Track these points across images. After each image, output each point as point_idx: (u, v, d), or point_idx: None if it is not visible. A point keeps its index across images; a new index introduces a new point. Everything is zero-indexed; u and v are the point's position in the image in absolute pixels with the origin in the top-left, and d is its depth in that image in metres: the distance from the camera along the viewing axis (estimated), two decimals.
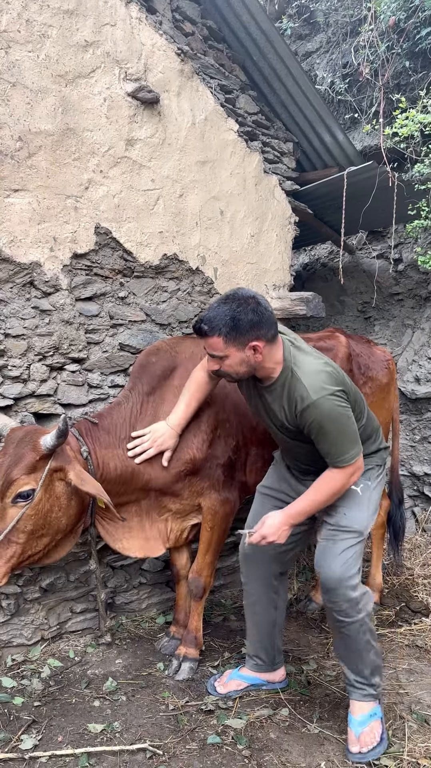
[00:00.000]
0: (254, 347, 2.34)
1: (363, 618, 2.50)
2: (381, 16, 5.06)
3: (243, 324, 2.31)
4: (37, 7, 3.00)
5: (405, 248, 5.52)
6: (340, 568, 2.46)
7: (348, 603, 2.46)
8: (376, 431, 2.79)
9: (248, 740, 2.60)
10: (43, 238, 3.10)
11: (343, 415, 2.37)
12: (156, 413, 3.02)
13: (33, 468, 2.52)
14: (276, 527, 2.49)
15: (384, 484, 2.79)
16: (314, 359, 2.47)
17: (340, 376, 2.49)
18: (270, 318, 2.37)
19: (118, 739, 2.59)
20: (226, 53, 4.13)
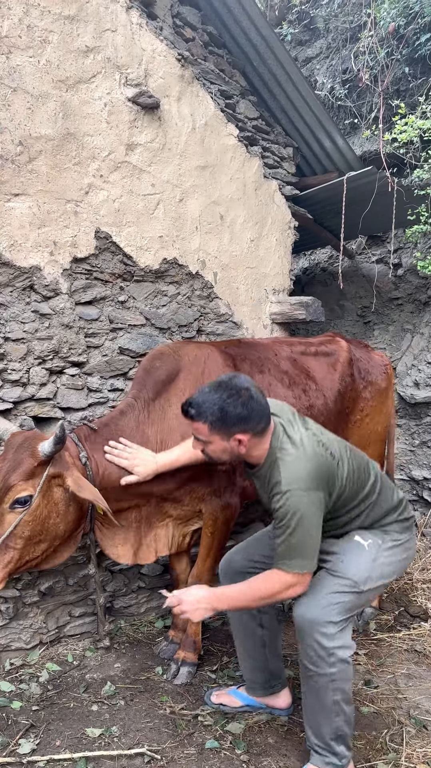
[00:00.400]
0: (239, 440, 2.27)
1: (335, 674, 2.23)
2: (380, 22, 5.09)
3: (231, 417, 2.23)
4: (38, 12, 3.02)
5: (404, 253, 5.53)
6: (318, 610, 2.25)
7: (317, 651, 2.24)
8: (394, 508, 2.52)
9: (246, 745, 2.60)
10: (43, 242, 3.11)
11: (308, 518, 2.19)
12: (165, 416, 3.01)
13: (31, 474, 2.51)
14: (194, 603, 2.29)
15: (401, 558, 2.48)
16: (302, 452, 2.27)
17: (329, 470, 2.28)
18: (261, 412, 2.27)
19: (116, 743, 2.59)
20: (226, 59, 4.15)
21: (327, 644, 2.22)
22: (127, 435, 2.90)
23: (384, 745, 2.60)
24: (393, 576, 2.45)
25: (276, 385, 3.37)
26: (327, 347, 3.81)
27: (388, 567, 2.42)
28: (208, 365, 3.16)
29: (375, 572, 2.36)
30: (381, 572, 2.39)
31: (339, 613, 2.26)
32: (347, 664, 2.24)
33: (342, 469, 2.34)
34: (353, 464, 2.40)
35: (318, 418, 3.50)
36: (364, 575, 2.34)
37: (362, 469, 2.44)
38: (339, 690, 2.25)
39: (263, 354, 3.46)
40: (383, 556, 2.41)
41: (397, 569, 2.47)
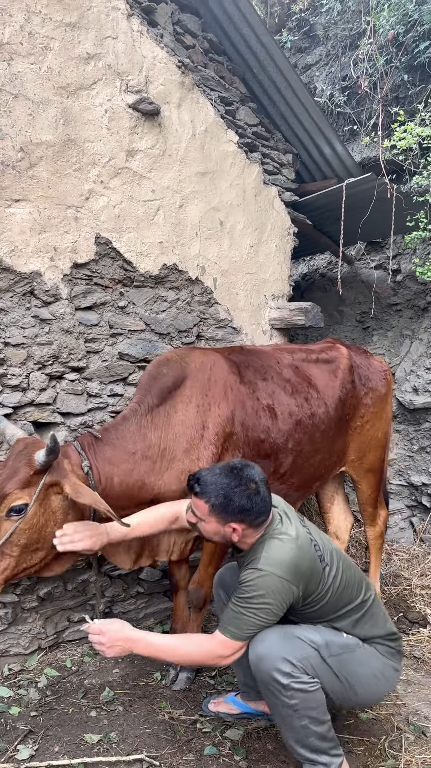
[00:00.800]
0: (233, 528, 2.29)
1: (297, 705, 2.20)
2: (380, 29, 5.12)
3: (233, 506, 2.24)
4: (39, 20, 3.04)
5: (403, 259, 5.55)
6: (278, 644, 2.21)
7: (274, 686, 2.20)
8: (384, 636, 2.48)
9: (245, 751, 2.59)
10: (43, 247, 3.12)
11: (269, 604, 2.19)
12: (169, 422, 2.99)
13: (27, 483, 2.52)
14: (113, 640, 2.21)
15: (377, 672, 2.39)
16: (292, 541, 2.27)
17: (313, 570, 2.27)
18: (264, 508, 2.28)
19: (115, 749, 2.58)
20: (226, 66, 4.17)
21: (281, 680, 2.18)
22: (128, 440, 2.89)
23: (383, 752, 2.60)
24: (361, 683, 2.35)
25: (280, 393, 3.37)
26: (328, 354, 3.82)
27: (362, 666, 2.35)
28: (214, 372, 3.16)
29: (345, 656, 2.31)
30: (352, 664, 2.33)
31: (300, 657, 2.22)
32: (307, 692, 2.20)
33: (329, 578, 2.33)
34: (342, 578, 2.37)
35: (319, 426, 3.51)
36: (333, 644, 2.31)
37: (350, 588, 2.41)
38: (305, 717, 2.22)
39: (266, 361, 3.46)
40: (359, 654, 2.36)
41: (370, 680, 2.37)
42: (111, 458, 2.80)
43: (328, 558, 2.36)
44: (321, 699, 2.24)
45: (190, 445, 2.98)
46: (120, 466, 2.82)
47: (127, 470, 2.83)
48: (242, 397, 3.20)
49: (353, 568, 2.49)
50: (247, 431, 3.18)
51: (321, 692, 2.24)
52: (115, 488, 2.80)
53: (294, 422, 3.38)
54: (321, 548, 2.37)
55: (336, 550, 2.47)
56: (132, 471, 2.85)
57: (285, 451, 3.34)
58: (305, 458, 3.46)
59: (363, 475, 3.97)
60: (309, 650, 2.25)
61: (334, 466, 3.79)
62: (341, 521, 4.20)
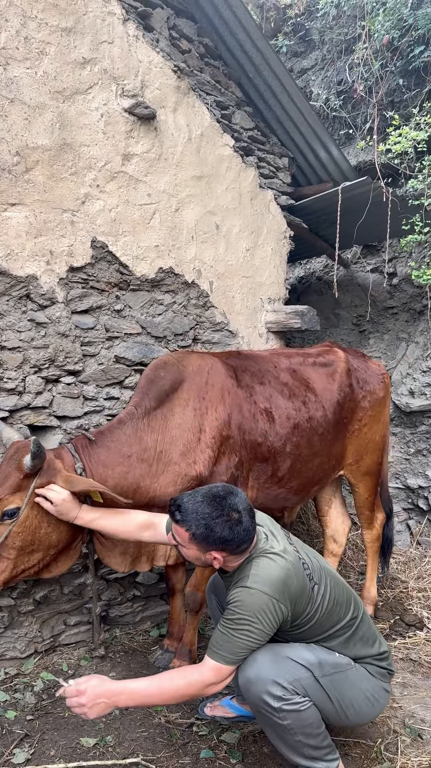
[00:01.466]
0: (214, 557, 2.25)
1: (290, 724, 2.16)
2: (375, 34, 5.14)
3: (214, 537, 2.19)
4: (35, 25, 3.05)
5: (399, 262, 5.57)
6: (268, 667, 2.15)
7: (262, 705, 2.16)
8: (374, 656, 2.45)
9: (241, 754, 2.59)
10: (39, 251, 3.13)
11: (258, 622, 2.13)
12: (167, 425, 3.01)
13: (18, 487, 2.56)
14: (93, 698, 2.04)
15: (368, 694, 2.37)
16: (280, 559, 2.23)
17: (301, 589, 2.23)
18: (245, 536, 2.20)
19: (111, 753, 2.58)
20: (222, 70, 4.19)
21: (272, 703, 2.14)
22: (123, 443, 2.90)
23: (379, 755, 2.60)
24: (352, 705, 2.31)
25: (277, 397, 3.38)
26: (326, 358, 3.83)
27: (352, 688, 2.32)
28: (211, 376, 3.17)
29: (336, 675, 2.28)
30: (343, 685, 2.29)
31: (290, 683, 2.17)
32: (299, 712, 2.16)
33: (317, 596, 2.29)
34: (331, 596, 2.34)
35: (317, 430, 3.52)
36: (325, 663, 2.28)
37: (339, 606, 2.37)
38: (298, 733, 2.18)
39: (263, 365, 3.47)
40: (350, 675, 2.33)
41: (361, 701, 2.34)
42: (105, 460, 2.81)
43: (317, 576, 2.32)
44: (315, 715, 2.21)
45: (186, 449, 2.99)
46: (115, 469, 2.83)
47: (121, 473, 2.84)
48: (239, 401, 3.21)
49: (341, 585, 2.45)
50: (244, 434, 3.19)
51: (313, 709, 2.20)
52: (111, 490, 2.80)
53: (292, 426, 3.39)
54: (310, 566, 2.33)
55: (324, 567, 2.42)
56: (127, 474, 2.85)
57: (284, 455, 3.35)
58: (303, 462, 3.46)
59: (361, 479, 3.97)
60: (301, 671, 2.21)
61: (333, 469, 3.79)
62: (339, 524, 4.20)
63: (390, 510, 4.29)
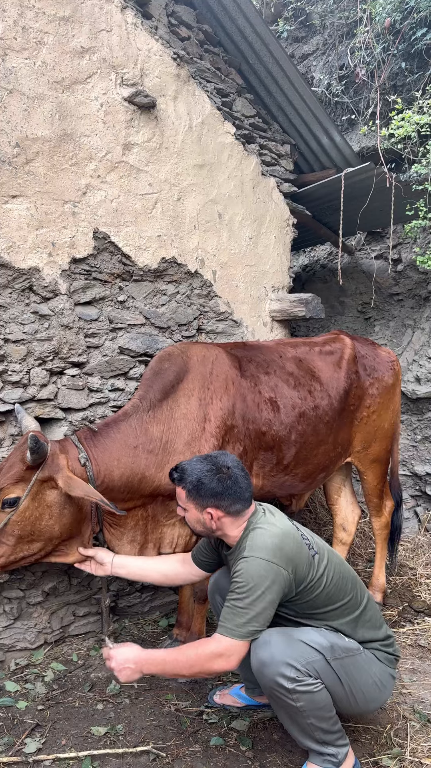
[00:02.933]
0: (210, 514, 2.35)
1: (303, 706, 2.20)
2: (376, 17, 5.08)
3: (205, 489, 2.33)
4: (33, 14, 3.02)
5: (404, 248, 5.53)
6: (281, 649, 2.19)
7: (276, 688, 2.20)
8: (380, 639, 2.48)
9: (251, 741, 2.60)
10: (41, 243, 3.12)
11: (262, 588, 2.17)
12: (172, 416, 3.03)
13: (20, 478, 2.63)
14: (123, 663, 2.25)
15: (375, 678, 2.38)
16: (273, 528, 2.30)
17: (300, 555, 2.27)
18: (237, 493, 2.33)
19: (122, 741, 2.60)
20: (222, 57, 4.15)
21: (285, 684, 2.18)
22: (129, 434, 2.92)
23: (389, 740, 2.61)
24: (361, 690, 2.33)
25: (282, 387, 3.39)
26: (332, 346, 3.82)
27: (361, 673, 2.34)
28: (216, 366, 3.18)
29: (347, 660, 2.30)
30: (353, 669, 2.31)
31: (303, 666, 2.20)
32: (312, 693, 2.19)
33: (320, 565, 2.33)
34: (336, 570, 2.38)
35: (323, 418, 3.52)
36: (337, 647, 2.30)
37: (345, 580, 2.40)
38: (311, 716, 2.23)
39: (268, 356, 3.48)
40: (359, 660, 2.35)
41: (370, 687, 2.36)
42: (110, 451, 2.84)
43: (318, 549, 2.37)
44: (327, 698, 2.24)
45: (191, 438, 3.00)
46: (120, 460, 2.86)
47: (127, 463, 2.87)
48: (243, 391, 3.22)
49: (346, 566, 2.49)
50: (248, 424, 3.19)
51: (325, 692, 2.24)
52: (115, 481, 2.84)
53: (298, 414, 3.39)
54: (310, 539, 2.39)
55: (327, 547, 2.48)
56: (132, 464, 2.88)
57: (289, 443, 3.35)
58: (309, 449, 3.46)
59: (369, 466, 3.96)
60: (314, 654, 2.23)
61: (340, 457, 3.79)
62: (348, 513, 4.20)
63: (400, 498, 4.28)
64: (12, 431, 3.07)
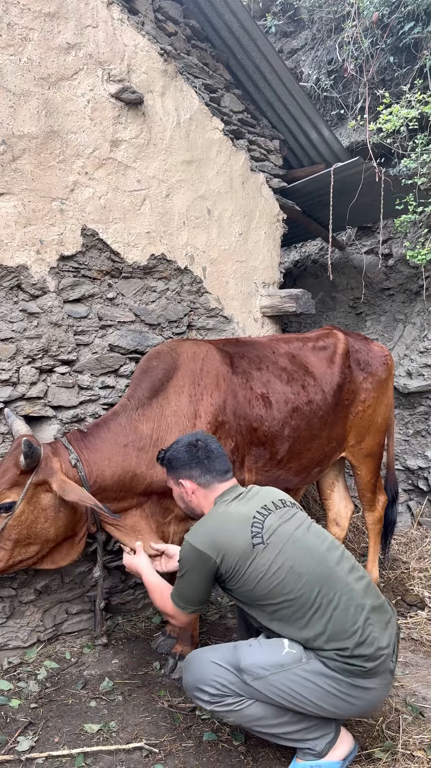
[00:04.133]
0: (183, 485, 2.48)
1: (229, 718, 2.27)
2: (364, 11, 5.07)
3: (176, 461, 2.48)
4: (17, 10, 3.00)
5: (394, 243, 5.53)
6: (193, 675, 2.29)
7: (202, 707, 2.32)
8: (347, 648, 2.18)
9: (244, 736, 2.61)
10: (29, 240, 3.11)
11: (190, 572, 2.29)
12: (163, 413, 3.04)
13: (14, 482, 2.64)
14: (129, 566, 2.72)
15: (327, 691, 2.18)
16: (216, 512, 2.35)
17: (232, 542, 2.23)
18: (206, 464, 2.44)
19: (115, 738, 2.60)
20: (210, 52, 4.14)
21: (207, 707, 2.29)
22: (119, 433, 2.94)
23: (381, 733, 2.62)
24: (310, 702, 2.17)
25: (275, 382, 3.39)
26: (325, 341, 3.83)
27: (301, 687, 2.17)
28: (206, 362, 3.18)
29: (274, 677, 2.17)
30: (287, 685, 2.16)
31: (216, 689, 2.23)
32: (237, 711, 2.23)
33: (261, 556, 2.22)
34: (286, 565, 2.21)
35: (317, 413, 3.52)
36: (255, 667, 2.19)
37: (298, 577, 2.20)
38: (255, 727, 2.27)
39: (261, 352, 3.48)
40: (298, 672, 2.18)
41: (323, 697, 2.17)
42: (101, 451, 2.85)
43: (270, 539, 2.24)
44: (260, 711, 2.22)
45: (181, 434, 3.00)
46: (111, 459, 2.87)
47: (118, 462, 2.88)
48: (234, 387, 3.22)
49: (317, 563, 2.25)
50: (240, 420, 3.20)
51: (256, 706, 2.22)
52: (107, 480, 2.85)
53: (291, 409, 3.40)
54: (264, 528, 2.26)
55: (297, 539, 2.28)
56: (123, 463, 2.90)
57: (282, 438, 3.36)
58: (303, 443, 3.47)
59: (363, 460, 3.97)
60: (227, 675, 2.23)
61: (334, 451, 3.80)
62: (341, 508, 4.21)
63: (395, 493, 4.30)
64: (2, 429, 3.06)
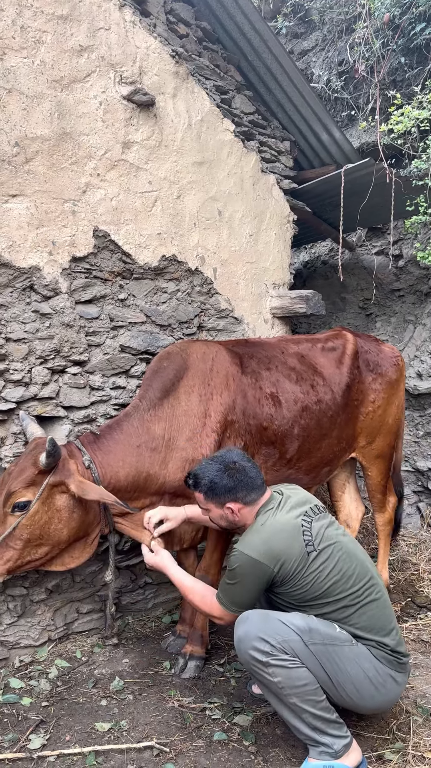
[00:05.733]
0: (230, 509, 2.50)
1: (281, 682, 2.28)
2: (375, 12, 5.07)
3: (219, 488, 2.49)
4: (31, 13, 3.03)
5: (405, 244, 5.52)
6: (256, 625, 2.32)
7: (252, 661, 2.31)
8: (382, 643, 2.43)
9: (254, 736, 2.61)
10: (41, 242, 3.13)
11: (243, 580, 2.38)
12: (174, 413, 3.06)
13: (31, 482, 2.65)
14: (155, 562, 2.75)
15: (373, 676, 2.37)
16: (269, 523, 2.42)
17: (290, 550, 2.36)
18: (249, 483, 2.49)
19: (125, 737, 2.61)
20: (221, 54, 4.15)
21: (258, 657, 2.29)
22: (131, 434, 2.97)
23: (392, 735, 2.62)
24: (349, 681, 2.33)
25: (284, 382, 3.40)
26: (334, 342, 3.84)
27: (349, 664, 2.34)
28: (216, 362, 3.20)
29: (331, 647, 2.32)
30: (340, 657, 2.33)
31: (278, 642, 2.28)
32: (288, 669, 2.26)
33: (316, 562, 2.38)
34: (337, 568, 2.40)
35: (326, 412, 3.53)
36: (317, 633, 2.32)
37: (347, 578, 2.41)
38: (292, 694, 2.28)
39: (270, 352, 3.50)
40: (347, 652, 2.35)
41: (361, 681, 2.35)
42: (115, 453, 2.89)
43: (321, 545, 2.41)
44: (308, 677, 2.28)
45: (192, 434, 3.03)
46: (125, 460, 2.90)
47: (131, 463, 2.91)
48: (244, 387, 3.24)
49: (361, 565, 2.48)
50: (249, 419, 3.21)
51: (305, 671, 2.28)
52: (121, 481, 2.88)
53: (300, 409, 3.41)
54: (313, 535, 2.42)
55: (340, 541, 2.47)
56: (137, 463, 2.93)
57: (291, 437, 3.37)
58: (313, 443, 3.48)
59: (373, 461, 3.97)
60: (290, 633, 2.30)
61: (344, 452, 3.80)
62: (352, 509, 4.21)
63: (401, 494, 4.29)
64: (14, 429, 3.08)
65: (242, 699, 2.92)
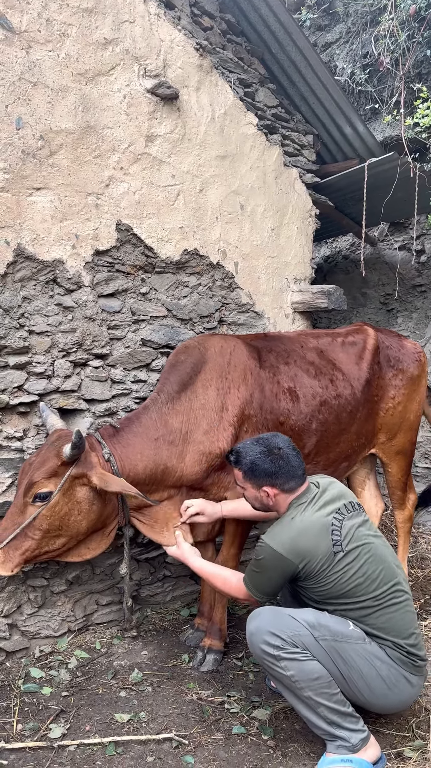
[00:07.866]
0: (266, 492, 2.53)
1: (294, 675, 2.30)
2: (401, 4, 5.00)
3: (259, 471, 2.51)
4: (56, 6, 3.03)
5: (427, 239, 5.47)
6: (267, 620, 2.37)
7: (263, 656, 2.35)
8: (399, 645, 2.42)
9: (273, 730, 2.62)
10: (65, 235, 3.14)
11: (268, 571, 2.42)
12: (191, 406, 3.07)
13: (54, 473, 2.67)
14: (177, 554, 2.90)
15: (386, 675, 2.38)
16: (299, 520, 2.43)
17: (316, 550, 2.37)
18: (290, 472, 2.51)
19: (145, 728, 2.63)
20: (245, 47, 4.12)
21: (268, 650, 2.33)
22: (149, 427, 2.98)
23: (411, 732, 2.60)
24: (361, 677, 2.35)
25: (302, 376, 3.39)
26: (355, 337, 3.81)
27: (361, 661, 2.35)
28: (234, 356, 3.20)
29: (341, 644, 2.35)
30: (350, 654, 2.35)
31: (289, 636, 2.32)
32: (300, 662, 2.29)
33: (342, 563, 2.39)
34: (362, 570, 2.40)
35: (346, 407, 3.51)
36: (327, 629, 2.35)
37: (371, 582, 2.41)
38: (306, 688, 2.30)
39: (289, 346, 3.49)
40: (359, 650, 2.36)
41: (373, 679, 2.36)
42: (133, 446, 2.90)
43: (349, 546, 2.41)
44: (320, 670, 2.30)
45: (209, 427, 3.04)
46: (143, 453, 2.92)
47: (150, 456, 2.93)
48: (261, 381, 3.24)
49: (388, 568, 2.46)
50: (266, 414, 3.22)
51: (317, 664, 2.30)
52: (140, 474, 2.89)
53: (318, 403, 3.40)
54: (342, 535, 2.42)
55: (370, 543, 2.46)
56: (155, 456, 2.94)
57: (309, 432, 3.36)
58: (331, 437, 3.47)
59: (393, 457, 3.94)
60: (300, 628, 2.34)
61: (363, 447, 3.78)
62: (372, 506, 4.18)
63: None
64: (36, 422, 3.10)
65: (260, 693, 2.93)
